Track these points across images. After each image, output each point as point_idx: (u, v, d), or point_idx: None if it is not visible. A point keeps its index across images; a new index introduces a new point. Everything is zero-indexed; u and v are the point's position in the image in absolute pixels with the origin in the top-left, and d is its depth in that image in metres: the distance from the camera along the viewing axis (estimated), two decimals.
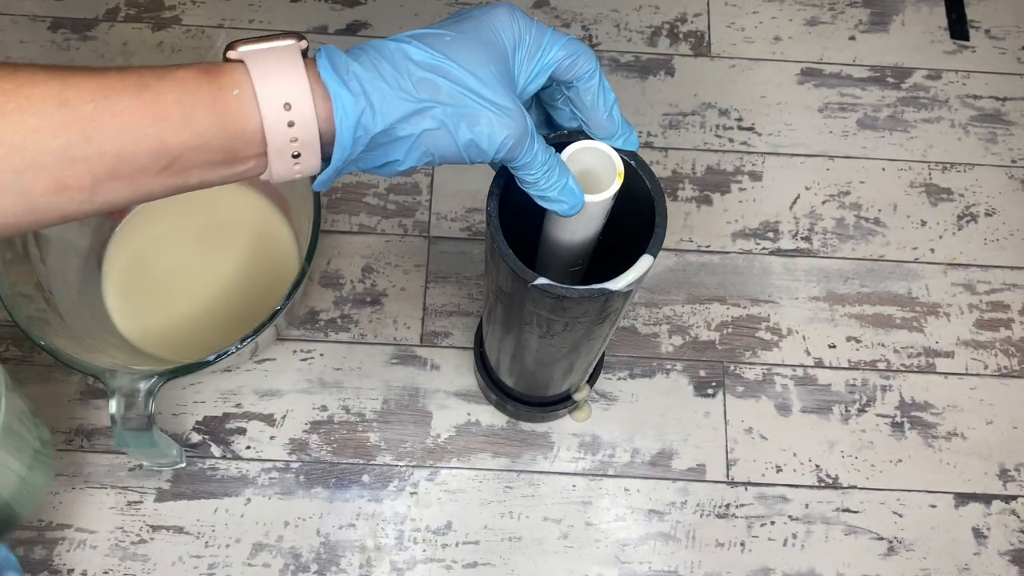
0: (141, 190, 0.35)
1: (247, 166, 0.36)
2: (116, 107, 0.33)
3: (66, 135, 0.32)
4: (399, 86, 0.36)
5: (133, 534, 0.61)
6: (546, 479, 0.64)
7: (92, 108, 0.33)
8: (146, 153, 0.33)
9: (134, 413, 0.52)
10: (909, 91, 0.77)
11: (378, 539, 0.62)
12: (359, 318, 0.68)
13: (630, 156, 0.42)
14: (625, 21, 0.78)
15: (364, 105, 0.35)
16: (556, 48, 0.39)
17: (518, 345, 0.52)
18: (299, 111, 0.35)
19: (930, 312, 0.70)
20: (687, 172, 0.73)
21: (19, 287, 0.56)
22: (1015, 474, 0.66)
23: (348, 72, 0.35)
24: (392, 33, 0.84)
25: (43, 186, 0.33)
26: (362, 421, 0.65)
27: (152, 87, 0.34)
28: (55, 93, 0.32)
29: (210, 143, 0.34)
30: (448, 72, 0.36)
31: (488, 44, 0.37)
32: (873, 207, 0.73)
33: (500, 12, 0.38)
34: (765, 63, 0.77)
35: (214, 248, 0.67)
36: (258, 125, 0.34)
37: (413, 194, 0.71)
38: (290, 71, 0.35)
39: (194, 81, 0.34)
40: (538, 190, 0.40)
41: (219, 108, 0.34)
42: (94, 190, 0.33)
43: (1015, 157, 0.75)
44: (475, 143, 0.37)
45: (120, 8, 0.76)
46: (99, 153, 0.33)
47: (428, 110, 0.36)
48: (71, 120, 0.32)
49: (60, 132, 0.32)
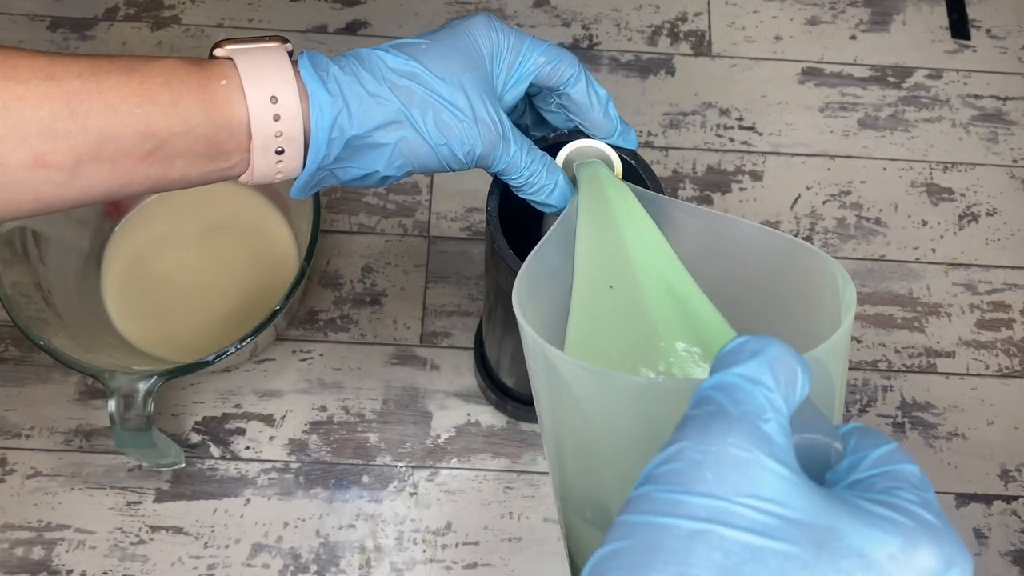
0: (122, 178, 0.34)
1: (230, 162, 0.36)
2: (103, 84, 0.33)
3: (51, 107, 0.32)
4: (377, 92, 0.36)
5: (132, 534, 0.61)
6: (546, 480, 0.64)
7: (79, 83, 0.32)
8: (131, 134, 0.33)
9: (133, 413, 0.52)
10: (910, 91, 0.77)
11: (378, 540, 0.62)
12: (359, 318, 0.68)
13: (630, 156, 0.42)
14: (625, 20, 0.78)
15: (341, 106, 0.35)
16: (536, 55, 0.39)
17: (518, 345, 0.51)
18: (285, 105, 0.35)
19: (931, 312, 0.70)
20: (688, 172, 0.73)
21: (18, 287, 0.56)
22: (1016, 474, 0.66)
23: (328, 74, 0.36)
24: (391, 33, 0.84)
25: (21, 158, 0.32)
26: (362, 421, 0.65)
27: (140, 69, 0.33)
28: (42, 66, 0.32)
29: (195, 130, 0.34)
30: (421, 78, 0.36)
31: (464, 51, 0.37)
32: (874, 207, 0.73)
33: (477, 20, 0.39)
34: (766, 62, 0.77)
35: (214, 248, 0.67)
36: (244, 117, 0.35)
37: (413, 194, 0.71)
38: (277, 67, 0.35)
39: (182, 68, 0.34)
40: (526, 193, 0.40)
41: (206, 96, 0.34)
42: (73, 171, 0.33)
43: (1016, 157, 0.75)
44: (450, 149, 0.37)
45: (119, 7, 0.76)
46: (83, 129, 0.32)
47: (404, 117, 0.36)
48: (56, 93, 0.32)
49: (45, 103, 0.32)
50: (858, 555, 0.22)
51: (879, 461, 0.25)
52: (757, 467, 0.22)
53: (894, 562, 0.22)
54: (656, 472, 0.23)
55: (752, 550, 0.22)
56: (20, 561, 0.60)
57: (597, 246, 0.38)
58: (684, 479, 0.22)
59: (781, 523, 0.22)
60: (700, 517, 0.22)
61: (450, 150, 0.37)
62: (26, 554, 0.60)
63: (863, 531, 0.22)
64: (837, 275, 0.32)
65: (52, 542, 0.61)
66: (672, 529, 0.22)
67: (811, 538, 0.22)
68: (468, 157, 0.38)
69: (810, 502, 0.23)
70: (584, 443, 0.32)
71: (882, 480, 0.24)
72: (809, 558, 0.22)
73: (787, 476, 0.23)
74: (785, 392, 0.24)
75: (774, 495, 0.22)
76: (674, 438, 0.23)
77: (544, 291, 0.36)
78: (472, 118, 0.37)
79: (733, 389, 0.23)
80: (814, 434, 0.25)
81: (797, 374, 0.24)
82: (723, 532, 0.22)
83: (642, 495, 0.23)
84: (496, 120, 0.38)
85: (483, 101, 0.37)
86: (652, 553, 0.22)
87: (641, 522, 0.22)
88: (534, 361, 0.32)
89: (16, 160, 0.32)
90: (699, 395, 0.24)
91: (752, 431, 0.23)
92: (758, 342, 0.24)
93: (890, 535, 0.22)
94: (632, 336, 0.36)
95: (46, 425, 0.63)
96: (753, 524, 0.22)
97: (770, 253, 0.36)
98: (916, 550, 0.22)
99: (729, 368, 0.24)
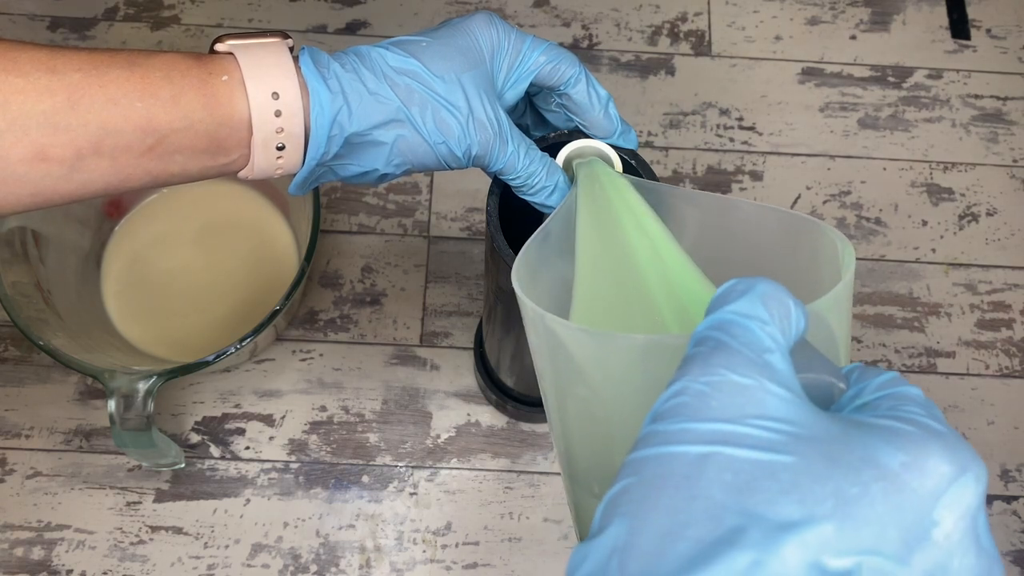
0: (121, 173, 0.34)
1: (231, 158, 0.36)
2: (104, 77, 0.32)
3: (51, 100, 0.32)
4: (377, 90, 0.36)
5: (132, 535, 0.61)
6: (546, 480, 0.64)
7: (80, 77, 0.32)
8: (132, 129, 0.33)
9: (133, 413, 0.52)
10: (910, 91, 0.77)
11: (378, 540, 0.62)
12: (358, 318, 0.67)
13: (631, 155, 0.42)
14: (625, 20, 0.78)
15: (341, 104, 0.35)
16: (536, 54, 0.39)
17: (518, 345, 0.51)
18: (286, 101, 0.35)
19: (931, 312, 0.70)
20: (688, 172, 0.73)
21: (18, 287, 0.56)
22: (1016, 475, 0.66)
23: (329, 71, 0.36)
24: (392, 32, 0.84)
25: (22, 152, 0.32)
26: (362, 421, 0.65)
27: (141, 64, 0.33)
28: (43, 59, 0.32)
29: (196, 126, 0.34)
30: (420, 77, 0.36)
31: (464, 50, 0.37)
32: (874, 207, 0.73)
33: (478, 18, 0.39)
34: (766, 62, 0.77)
35: (213, 248, 0.67)
36: (245, 113, 0.35)
37: (413, 194, 0.71)
38: (278, 63, 0.35)
39: (183, 63, 0.34)
40: (525, 193, 0.40)
41: (207, 91, 0.34)
42: (74, 165, 0.33)
43: (1016, 157, 0.75)
44: (448, 148, 0.37)
45: (119, 7, 0.76)
46: (83, 123, 0.32)
47: (403, 116, 0.36)
48: (58, 86, 0.32)
49: (46, 96, 0.32)
50: (872, 465, 0.21)
51: (882, 386, 0.25)
52: (761, 391, 0.22)
53: (907, 469, 0.22)
54: (661, 409, 0.23)
55: (762, 466, 0.21)
56: (20, 561, 0.60)
57: (598, 234, 0.38)
58: (689, 410, 0.22)
59: (790, 439, 0.22)
60: (707, 441, 0.22)
61: (448, 149, 0.37)
62: (26, 554, 0.60)
63: (874, 442, 0.22)
64: (836, 240, 0.33)
65: (52, 542, 0.61)
66: (680, 456, 0.22)
67: (822, 452, 0.22)
68: (466, 156, 0.38)
69: (818, 421, 0.22)
70: (589, 412, 0.32)
71: (887, 401, 0.24)
72: (822, 470, 0.21)
73: (792, 399, 0.23)
74: (781, 325, 0.24)
75: (781, 415, 0.22)
76: (676, 377, 0.23)
77: (543, 280, 0.37)
78: (470, 117, 0.37)
79: (729, 325, 0.23)
80: (816, 373, 0.25)
81: (790, 308, 0.24)
82: (731, 452, 0.22)
83: (648, 432, 0.23)
84: (494, 119, 0.38)
85: (482, 100, 0.37)
86: (662, 481, 0.22)
87: (650, 455, 0.22)
88: (535, 335, 0.32)
89: (16, 154, 0.32)
90: (696, 336, 0.24)
91: (753, 360, 0.23)
92: (747, 282, 0.24)
93: (901, 443, 0.22)
94: (635, 323, 0.36)
95: (46, 425, 0.63)
96: (761, 442, 0.22)
97: (770, 230, 0.36)
98: (928, 456, 0.22)
99: (722, 308, 0.24)
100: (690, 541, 0.21)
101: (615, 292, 0.37)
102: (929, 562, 0.21)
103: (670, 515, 0.21)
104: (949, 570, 0.22)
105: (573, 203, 0.39)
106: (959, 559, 0.22)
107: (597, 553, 0.22)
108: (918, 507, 0.21)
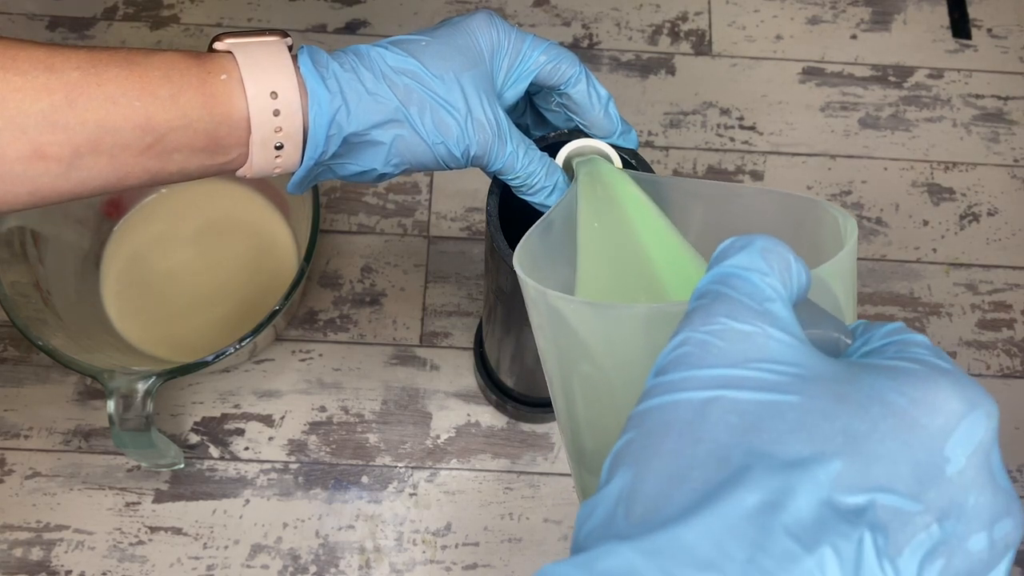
0: (119, 171, 0.34)
1: (229, 157, 0.36)
2: (103, 76, 0.32)
3: (50, 98, 0.32)
4: (376, 90, 0.36)
5: (131, 535, 0.61)
6: (546, 480, 0.64)
7: (78, 75, 0.32)
8: (131, 127, 0.33)
9: (132, 414, 0.52)
10: (911, 90, 0.77)
11: (377, 540, 0.62)
12: (358, 318, 0.67)
13: (631, 155, 0.42)
14: (626, 20, 0.78)
15: (340, 104, 0.35)
16: (536, 53, 0.39)
17: (518, 345, 0.51)
18: (285, 100, 0.35)
19: (932, 312, 0.70)
20: (688, 171, 0.73)
21: (17, 287, 0.56)
22: (1017, 475, 0.65)
23: (327, 70, 0.36)
24: (391, 32, 0.84)
25: (20, 150, 0.32)
26: (361, 422, 0.65)
27: (140, 63, 0.33)
28: (42, 57, 0.32)
29: (195, 124, 0.34)
30: (419, 77, 0.36)
31: (463, 49, 0.37)
32: (875, 207, 0.73)
33: (478, 17, 0.38)
34: (766, 62, 0.77)
35: (213, 248, 0.67)
36: (244, 112, 0.34)
37: (412, 193, 0.71)
38: (277, 62, 0.35)
39: (182, 62, 0.34)
40: (525, 194, 0.40)
41: (206, 90, 0.34)
42: (72, 163, 0.33)
43: (1017, 157, 0.75)
44: (446, 148, 0.37)
45: (118, 7, 0.75)
46: (81, 121, 0.32)
47: (402, 116, 0.36)
48: (56, 84, 0.32)
49: (44, 95, 0.31)
50: (880, 403, 0.21)
51: (888, 334, 0.24)
52: (763, 337, 0.22)
53: (916, 406, 0.21)
54: (663, 362, 0.23)
55: (768, 407, 0.21)
56: (19, 562, 0.60)
57: (600, 222, 0.38)
58: (691, 359, 0.22)
59: (795, 380, 0.21)
60: (710, 386, 0.21)
61: (447, 149, 0.37)
62: (25, 555, 0.60)
63: (881, 381, 0.22)
64: (837, 216, 0.32)
65: (51, 543, 0.60)
66: (683, 403, 0.21)
67: (829, 391, 0.21)
68: (465, 156, 0.38)
69: (823, 363, 0.22)
70: (594, 388, 0.32)
71: (893, 346, 0.24)
72: (829, 408, 0.21)
73: (795, 343, 0.22)
74: (781, 277, 0.23)
75: (785, 358, 0.22)
76: (678, 330, 0.23)
77: (544, 270, 0.36)
78: (469, 117, 0.37)
79: (729, 278, 0.23)
80: (822, 329, 0.25)
81: (790, 261, 0.24)
82: (735, 395, 0.21)
83: (651, 386, 0.22)
84: (493, 120, 0.37)
85: (481, 100, 0.37)
86: (665, 428, 0.21)
87: (653, 406, 0.22)
88: (538, 315, 0.32)
89: (14, 152, 0.32)
90: (697, 292, 0.24)
91: (754, 308, 0.22)
92: (745, 238, 0.24)
93: (909, 380, 0.22)
94: (639, 302, 0.36)
95: (45, 425, 0.63)
96: (765, 384, 0.21)
97: (772, 215, 0.36)
98: (937, 392, 0.21)
99: (722, 263, 0.24)
100: (696, 482, 0.20)
101: (618, 277, 0.37)
102: (944, 500, 0.21)
103: (675, 459, 0.21)
104: (965, 508, 0.21)
105: (574, 196, 0.39)
106: (975, 496, 0.21)
107: (603, 504, 0.21)
108: (929, 444, 0.21)
